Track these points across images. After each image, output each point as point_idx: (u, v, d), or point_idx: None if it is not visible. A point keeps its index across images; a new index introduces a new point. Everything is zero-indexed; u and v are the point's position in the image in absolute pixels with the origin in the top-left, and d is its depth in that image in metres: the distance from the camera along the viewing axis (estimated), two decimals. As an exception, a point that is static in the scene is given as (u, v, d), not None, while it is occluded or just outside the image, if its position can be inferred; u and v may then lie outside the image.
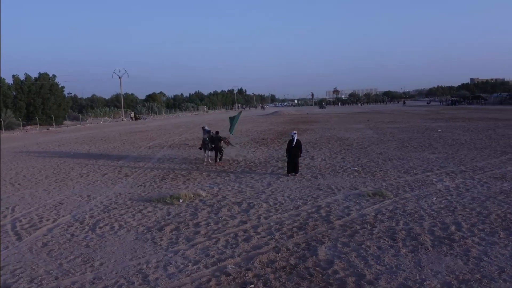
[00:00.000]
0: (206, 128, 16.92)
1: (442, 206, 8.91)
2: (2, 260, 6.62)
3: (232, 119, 18.61)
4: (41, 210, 9.75)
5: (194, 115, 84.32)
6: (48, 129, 44.69)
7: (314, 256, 6.31)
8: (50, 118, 48.67)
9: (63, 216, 9.19)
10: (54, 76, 52.29)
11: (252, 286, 5.39)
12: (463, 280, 5.36)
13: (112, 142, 27.04)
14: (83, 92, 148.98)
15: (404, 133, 25.64)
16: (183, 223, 8.27)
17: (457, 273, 5.57)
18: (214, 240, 7.19)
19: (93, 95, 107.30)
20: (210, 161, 15.79)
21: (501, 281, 5.28)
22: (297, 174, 12.89)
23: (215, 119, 56.63)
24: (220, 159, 15.72)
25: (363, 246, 6.69)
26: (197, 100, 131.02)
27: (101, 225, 8.42)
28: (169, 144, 24.40)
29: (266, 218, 8.41)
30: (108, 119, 62.34)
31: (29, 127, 45.39)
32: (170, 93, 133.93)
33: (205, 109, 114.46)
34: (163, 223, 8.36)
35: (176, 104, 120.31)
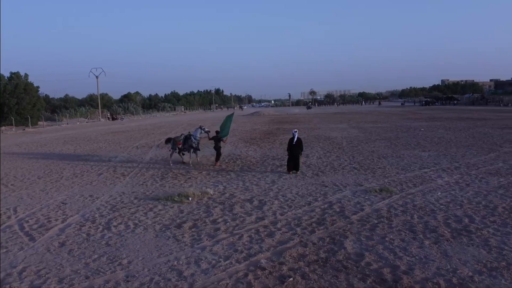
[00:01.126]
0: (205, 129, 16.09)
1: (448, 200, 9.20)
2: (21, 261, 6.41)
3: (226, 121, 17.43)
4: (46, 211, 9.47)
5: (172, 116, 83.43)
6: (24, 129, 43.25)
7: (342, 250, 6.41)
8: (25, 118, 47.07)
9: (71, 216, 8.96)
10: (26, 75, 50.65)
11: (291, 279, 5.43)
12: (491, 268, 5.58)
13: (96, 142, 26.45)
14: (55, 92, 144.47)
15: (389, 132, 26.24)
16: (199, 220, 8.22)
17: (484, 261, 5.79)
18: (237, 236, 7.19)
19: (66, 95, 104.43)
20: (183, 161, 15.42)
21: (528, 268, 5.53)
22: (298, 172, 13.01)
23: (195, 119, 56.21)
24: (218, 160, 15.28)
25: (386, 239, 6.85)
26: (174, 100, 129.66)
27: (115, 223, 8.26)
28: (157, 144, 24.09)
29: (282, 215, 8.46)
30: (85, 119, 60.83)
31: (3, 127, 43.76)
32: (145, 93, 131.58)
33: (182, 109, 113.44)
34: (178, 220, 8.28)
35: (152, 104, 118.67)
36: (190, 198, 9.84)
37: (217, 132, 15.57)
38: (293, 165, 13.14)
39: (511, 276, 5.26)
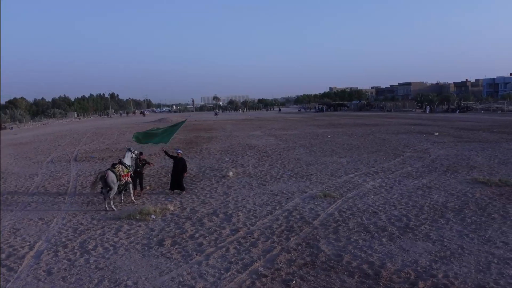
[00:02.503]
0: (135, 151, 12.61)
1: (383, 202, 10.93)
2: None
3: (172, 127, 15.39)
4: (2, 238, 8.88)
5: (66, 123, 77.44)
6: None
7: (322, 252, 7.47)
8: None
9: (35, 242, 8.59)
10: None
11: (294, 282, 6.29)
12: (441, 257, 7.13)
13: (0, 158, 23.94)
14: None
15: (302, 139, 28.48)
16: (177, 237, 8.60)
17: (433, 252, 7.35)
18: (224, 249, 7.80)
19: None
20: (112, 207, 10.98)
21: (466, 254, 7.19)
22: (183, 192, 12.68)
23: (98, 126, 53.23)
24: (142, 188, 12.79)
25: (351, 239, 8.11)
26: (65, 106, 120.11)
27: (90, 247, 8.21)
28: (73, 157, 22.81)
29: (252, 225, 9.25)
30: (-35, 129, 53.39)
31: None
32: (29, 98, 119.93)
33: (75, 115, 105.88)
34: (155, 239, 8.55)
35: (40, 110, 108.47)
36: (153, 216, 10.03)
37: (141, 153, 13.09)
38: (177, 184, 12.72)
39: (459, 263, 6.84)
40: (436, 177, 13.98)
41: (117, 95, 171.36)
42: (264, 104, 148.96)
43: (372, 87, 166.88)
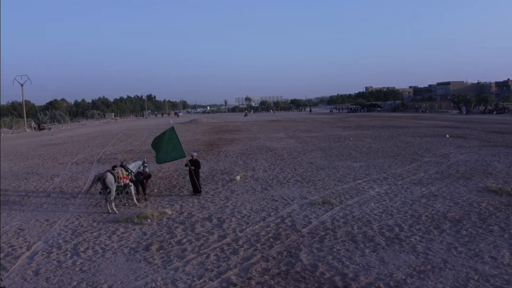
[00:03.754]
0: (146, 164, 12.79)
1: (381, 210, 10.70)
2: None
3: (167, 141, 13.95)
4: (6, 238, 9.47)
5: (102, 124, 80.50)
6: None
7: (299, 262, 7.45)
8: None
9: (34, 243, 9.09)
10: None
11: (260, 292, 6.33)
12: (420, 271, 6.93)
13: (30, 158, 25.31)
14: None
15: (322, 142, 28.20)
16: (165, 242, 8.83)
17: (413, 265, 7.15)
18: (205, 256, 7.94)
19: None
20: (114, 210, 11.36)
21: (447, 269, 6.95)
22: (200, 194, 13.09)
23: (131, 128, 54.95)
24: (144, 192, 12.98)
25: (334, 249, 8.03)
26: (103, 107, 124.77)
27: (82, 249, 8.59)
28: (97, 158, 23.74)
29: (241, 231, 9.34)
30: (9, 130, 56.75)
31: None
32: (71, 99, 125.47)
33: (113, 116, 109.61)
34: (144, 243, 8.82)
35: (79, 111, 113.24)
36: (149, 220, 10.33)
37: (144, 163, 12.90)
38: (196, 186, 13.23)
39: (436, 278, 6.63)
40: (446, 184, 13.50)
41: (154, 96, 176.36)
42: (296, 104, 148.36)
43: (410, 87, 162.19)
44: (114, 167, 11.90)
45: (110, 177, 11.10)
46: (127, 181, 11.70)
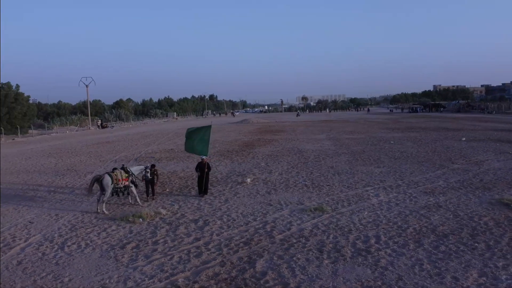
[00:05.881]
0: (148, 170, 13.05)
1: (370, 220, 10.37)
2: (-21, 279, 7.51)
3: (198, 134, 15.06)
4: (13, 230, 10.56)
5: (163, 123, 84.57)
6: (13, 139, 44.24)
7: (252, 269, 7.56)
8: (15, 127, 48.10)
9: (33, 235, 10.06)
10: (18, 86, 51.83)
11: (196, 296, 6.56)
12: (366, 286, 6.74)
13: (78, 155, 27.51)
14: (49, 98, 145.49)
15: (359, 145, 27.45)
16: (143, 241, 9.34)
17: (363, 280, 6.95)
18: (169, 257, 8.32)
19: (60, 102, 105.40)
20: (104, 211, 11.84)
21: (396, 287, 6.68)
22: (205, 195, 13.57)
23: (183, 127, 57.09)
24: (153, 193, 13.54)
25: (294, 258, 8.00)
26: (166, 106, 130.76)
27: (69, 243, 9.37)
28: (135, 157, 25.18)
29: (218, 235, 9.60)
30: (75, 127, 61.83)
31: (-7, 137, 44.78)
32: (141, 98, 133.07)
33: (175, 115, 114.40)
34: (125, 241, 9.40)
35: (144, 110, 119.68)
36: (141, 219, 10.94)
37: (153, 165, 13.62)
38: (203, 188, 13.66)
39: (372, 294, 6.42)
40: (459, 194, 12.68)
41: (216, 96, 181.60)
42: (356, 103, 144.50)
43: (482, 85, 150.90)
44: (114, 169, 12.68)
45: (107, 179, 11.87)
46: (127, 183, 12.39)
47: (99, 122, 66.12)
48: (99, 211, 11.97)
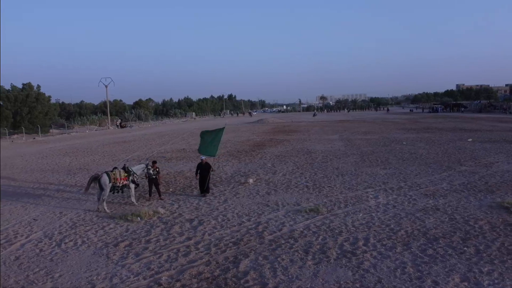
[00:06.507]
0: (149, 167, 13.46)
1: (363, 222, 10.36)
2: (-23, 273, 7.91)
3: (211, 135, 15.77)
4: (17, 226, 11.02)
5: (181, 122, 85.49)
6: (34, 138, 45.63)
7: (235, 268, 7.70)
8: (36, 127, 49.62)
9: (35, 232, 10.48)
10: (39, 86, 53.45)
11: (176, 294, 6.75)
12: (343, 288, 6.79)
13: (93, 154, 28.21)
14: (72, 98, 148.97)
15: (370, 145, 27.20)
16: (136, 240, 9.61)
17: (341, 282, 7.00)
18: (158, 255, 8.55)
19: (82, 101, 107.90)
20: (105, 209, 12.25)
21: (371, 289, 6.72)
22: (207, 194, 13.88)
23: (202, 127, 57.75)
24: (159, 194, 13.79)
25: (279, 259, 8.11)
26: (185, 106, 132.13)
27: (66, 241, 9.72)
28: (147, 156, 25.64)
29: (209, 235, 9.79)
30: (94, 127, 63.27)
31: (15, 136, 46.29)
32: (162, 98, 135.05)
33: (193, 115, 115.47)
34: (119, 239, 9.69)
35: (164, 110, 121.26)
36: (139, 218, 11.22)
37: (154, 162, 13.95)
38: (204, 187, 13.91)
39: (345, 295, 6.47)
40: (461, 197, 12.50)
41: (235, 96, 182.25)
42: (376, 103, 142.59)
43: (506, 85, 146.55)
44: (114, 168, 13.03)
45: (104, 178, 12.21)
46: (126, 182, 12.70)
47: (118, 122, 67.40)
48: (100, 209, 12.32)
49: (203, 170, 13.95)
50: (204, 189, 13.98)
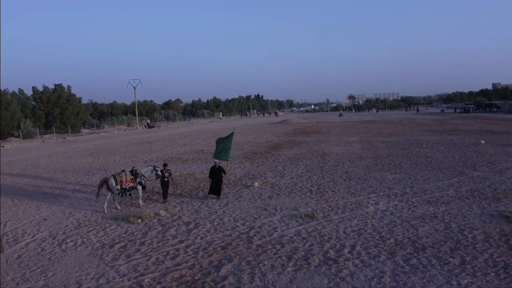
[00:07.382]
0: (157, 169, 13.94)
1: (355, 229, 10.38)
2: (-19, 270, 8.54)
3: (224, 141, 16.66)
4: (27, 226, 11.73)
5: (207, 122, 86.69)
6: (64, 138, 47.61)
7: (216, 273, 7.96)
8: (67, 127, 51.77)
9: (42, 232, 11.13)
10: (69, 87, 55.77)
11: (154, 296, 7.09)
12: (315, 295, 6.92)
13: (115, 154, 29.22)
14: (105, 98, 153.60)
15: (388, 148, 26.80)
16: (132, 241, 10.04)
17: (314, 290, 7.13)
18: (147, 258, 8.93)
19: (114, 102, 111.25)
20: (117, 206, 13.24)
21: (341, 297, 6.81)
22: (220, 197, 14.20)
23: (222, 128, 58.46)
24: (165, 197, 14.13)
25: (260, 264, 8.30)
26: (213, 107, 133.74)
27: (68, 241, 10.29)
28: (165, 157, 26.33)
29: (201, 238, 10.10)
30: (123, 127, 65.27)
31: (47, 136, 48.49)
32: (191, 98, 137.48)
33: (220, 115, 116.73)
34: (116, 240, 10.16)
35: (193, 110, 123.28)
36: (140, 220, 11.69)
37: (165, 165, 14.43)
38: (214, 189, 14.26)
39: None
40: (463, 205, 12.24)
41: (262, 96, 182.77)
42: (407, 102, 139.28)
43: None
44: (122, 171, 13.58)
45: (111, 181, 12.82)
46: (132, 184, 13.22)
47: (147, 122, 69.19)
48: (106, 211, 12.96)
49: (216, 173, 14.30)
50: (215, 191, 14.30)
